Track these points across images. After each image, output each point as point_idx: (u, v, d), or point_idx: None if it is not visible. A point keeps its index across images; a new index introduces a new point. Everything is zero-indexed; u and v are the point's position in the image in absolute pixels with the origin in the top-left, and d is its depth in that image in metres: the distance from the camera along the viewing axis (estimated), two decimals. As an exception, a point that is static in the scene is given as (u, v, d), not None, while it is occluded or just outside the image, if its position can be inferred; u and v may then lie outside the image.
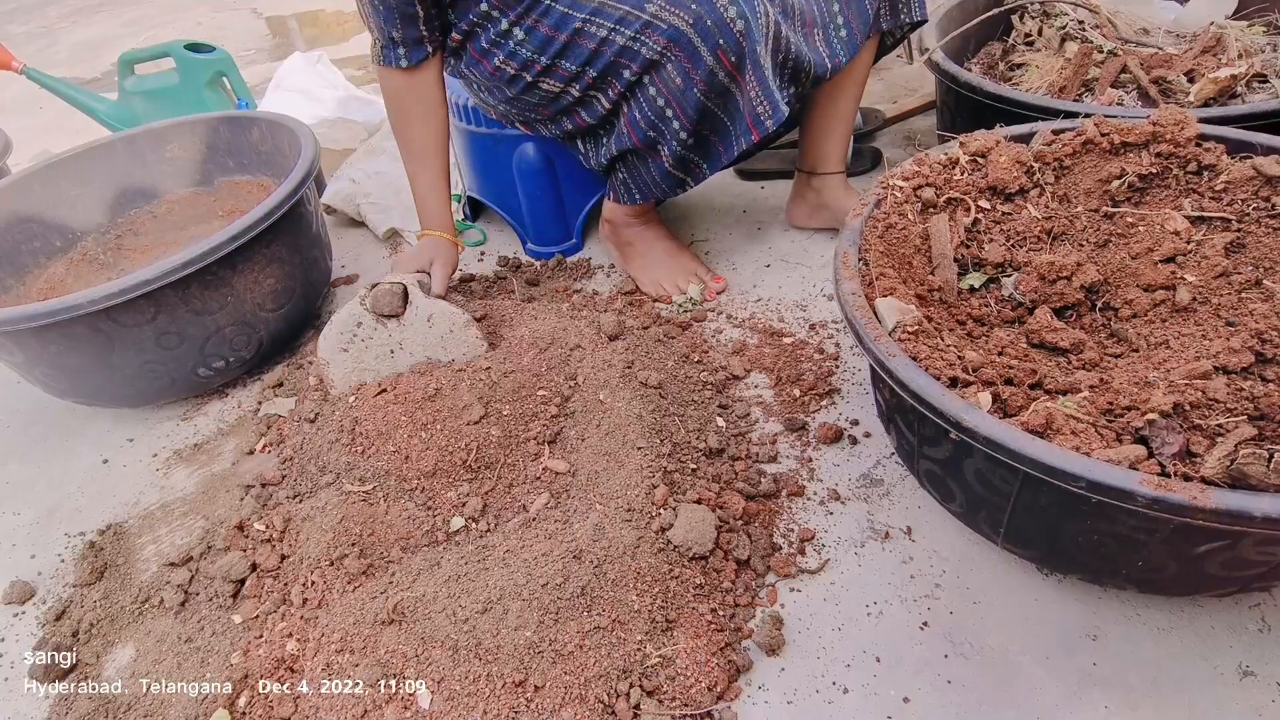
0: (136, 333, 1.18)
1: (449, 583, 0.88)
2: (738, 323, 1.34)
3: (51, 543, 1.14)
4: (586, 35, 1.14)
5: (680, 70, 1.11)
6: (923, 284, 0.94)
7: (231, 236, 1.18)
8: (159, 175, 1.66)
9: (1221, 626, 0.84)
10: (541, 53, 1.17)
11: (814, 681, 0.84)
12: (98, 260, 1.58)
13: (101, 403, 1.31)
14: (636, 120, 1.19)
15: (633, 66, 1.13)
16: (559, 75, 1.19)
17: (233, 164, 1.65)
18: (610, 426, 1.04)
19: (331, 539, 0.94)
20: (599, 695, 0.79)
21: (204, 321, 1.23)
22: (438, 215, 1.27)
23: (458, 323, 1.13)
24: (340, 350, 1.12)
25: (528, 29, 1.17)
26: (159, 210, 1.66)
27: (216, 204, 1.66)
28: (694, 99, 1.12)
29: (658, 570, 0.89)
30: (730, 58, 1.09)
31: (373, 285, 1.12)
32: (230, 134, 1.62)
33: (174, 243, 1.60)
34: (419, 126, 1.23)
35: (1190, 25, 1.50)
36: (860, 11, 1.25)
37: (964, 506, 0.85)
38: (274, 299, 1.33)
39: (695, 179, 1.27)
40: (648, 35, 1.10)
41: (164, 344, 1.21)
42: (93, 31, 4.02)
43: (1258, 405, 0.73)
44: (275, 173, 1.58)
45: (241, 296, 1.27)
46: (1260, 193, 0.92)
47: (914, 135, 1.84)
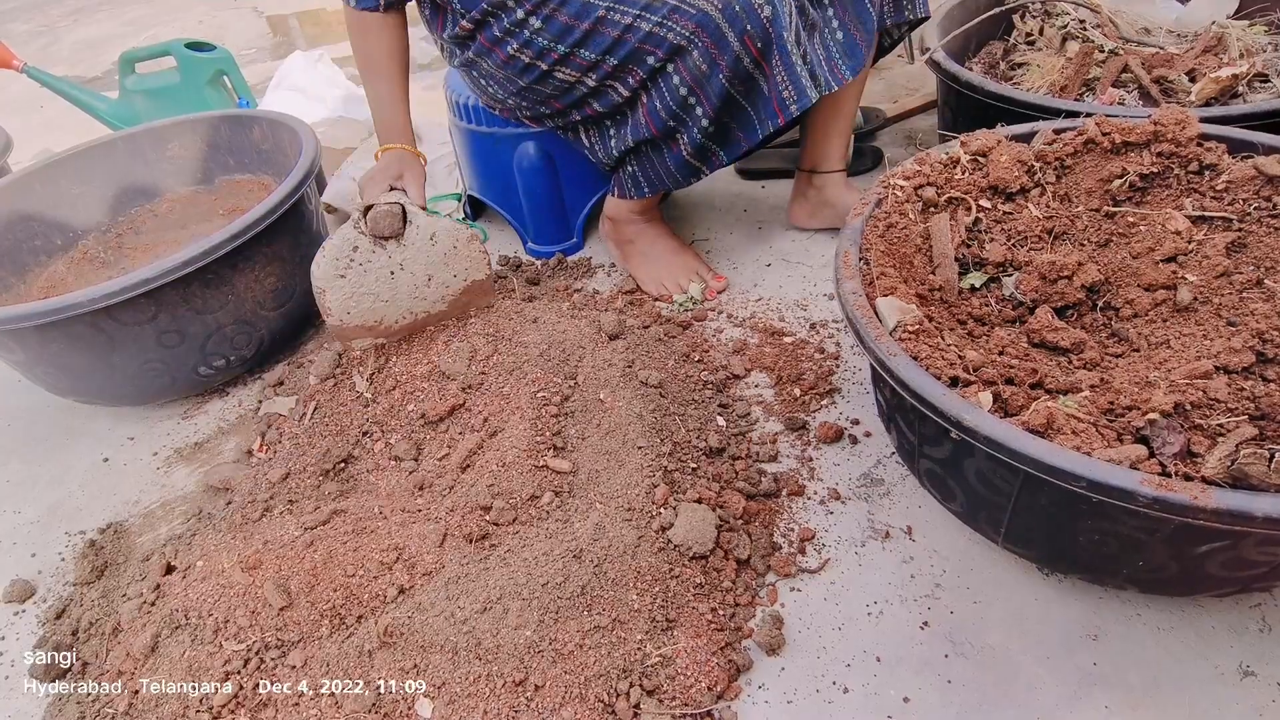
0: (137, 331, 1.18)
1: (448, 584, 0.88)
2: (738, 322, 1.34)
3: (52, 541, 1.14)
4: (609, 23, 1.13)
5: (706, 56, 1.11)
6: (924, 283, 0.94)
7: (232, 235, 1.18)
8: (160, 174, 1.66)
9: (1222, 626, 0.84)
10: (559, 41, 1.17)
11: (814, 681, 0.84)
12: (99, 259, 1.58)
13: (103, 401, 1.32)
14: (656, 109, 1.18)
15: (658, 53, 1.13)
16: (576, 64, 1.19)
17: (233, 163, 1.65)
18: (611, 426, 1.04)
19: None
20: (599, 694, 0.79)
21: (205, 320, 1.24)
22: (399, 128, 1.27)
23: (461, 238, 1.14)
24: (337, 276, 1.11)
25: (545, 18, 1.16)
26: (160, 209, 1.66)
27: (218, 203, 1.66)
28: (719, 85, 1.12)
29: (658, 570, 0.89)
30: (757, 44, 1.09)
31: (367, 208, 1.11)
32: (231, 133, 1.63)
33: (175, 241, 1.61)
34: (378, 44, 1.23)
35: (1192, 25, 1.50)
36: (864, 21, 1.24)
37: (964, 506, 0.85)
38: (275, 298, 1.33)
39: (711, 167, 1.27)
40: (675, 20, 1.10)
41: (165, 342, 1.21)
42: (94, 30, 4.02)
43: (1259, 405, 0.73)
44: (276, 171, 1.58)
45: (242, 295, 1.27)
46: (1261, 192, 0.92)
47: (915, 134, 1.84)
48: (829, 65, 1.22)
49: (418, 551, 0.92)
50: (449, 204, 1.81)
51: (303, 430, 1.16)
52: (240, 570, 0.91)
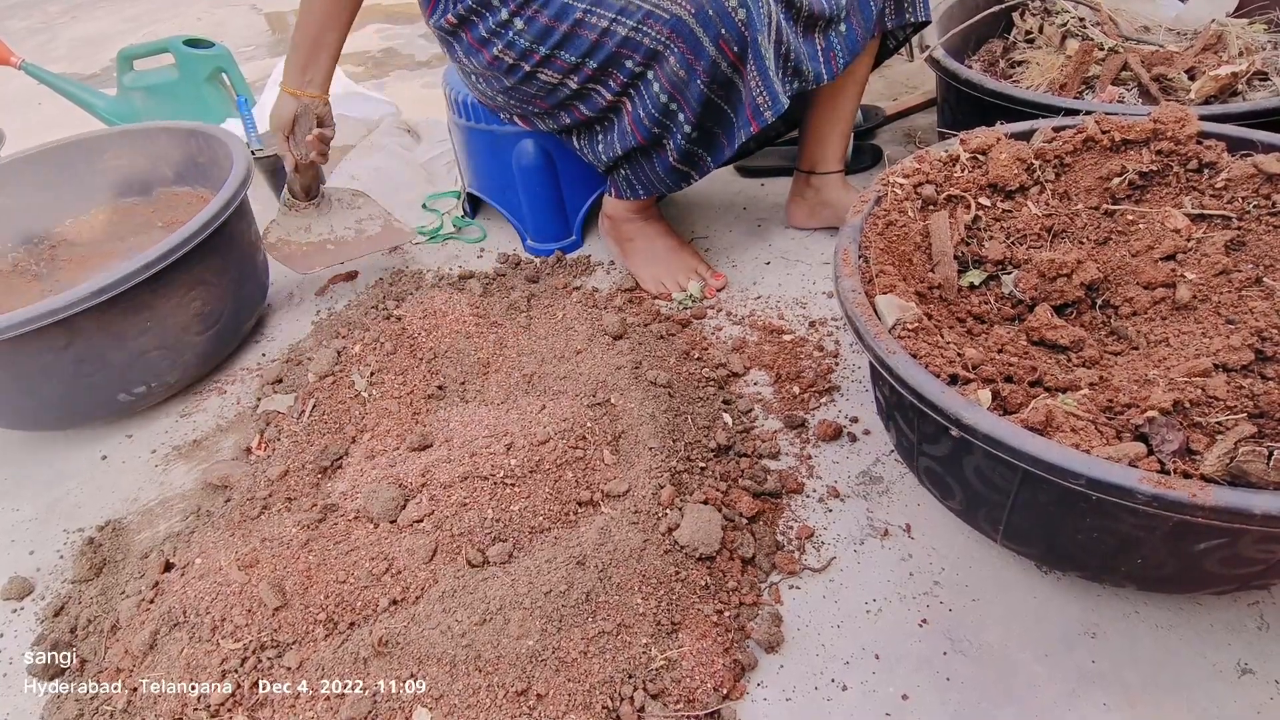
0: (51, 359, 1.13)
1: (444, 597, 0.86)
2: (737, 320, 1.34)
3: (50, 539, 1.14)
4: (587, 26, 1.14)
5: (683, 61, 1.10)
6: (923, 281, 0.94)
7: (148, 263, 1.13)
8: (96, 185, 1.60)
9: (1220, 624, 0.84)
10: (540, 43, 1.17)
11: (813, 679, 0.84)
12: (30, 272, 1.51)
13: (22, 426, 1.27)
14: (641, 118, 1.18)
15: (635, 57, 1.13)
16: (557, 66, 1.19)
17: (172, 175, 1.60)
18: (621, 427, 1.04)
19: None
20: (603, 701, 0.79)
21: (125, 347, 1.19)
22: (307, 70, 1.27)
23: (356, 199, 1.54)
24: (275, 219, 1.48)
25: (527, 19, 1.16)
26: (96, 220, 1.60)
27: (156, 214, 1.60)
28: (698, 90, 1.12)
29: (664, 572, 0.89)
30: (733, 47, 1.09)
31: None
32: (169, 145, 1.58)
33: (112, 254, 1.54)
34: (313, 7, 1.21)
35: (1191, 23, 1.50)
36: (864, 9, 1.24)
37: (963, 504, 0.85)
38: (201, 321, 1.28)
39: (700, 172, 1.27)
40: (649, 25, 1.10)
41: (82, 371, 1.16)
42: (92, 27, 4.01)
43: (1257, 403, 0.73)
44: (214, 185, 1.51)
45: (165, 320, 1.22)
46: (1261, 190, 0.92)
47: (914, 132, 1.84)
48: (826, 56, 1.21)
49: (406, 565, 0.91)
50: (448, 201, 1.81)
51: (301, 428, 1.16)
52: (237, 569, 0.91)
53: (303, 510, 1.00)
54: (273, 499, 1.05)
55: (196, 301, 1.26)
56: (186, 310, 1.25)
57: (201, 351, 1.31)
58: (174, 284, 1.22)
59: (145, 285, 1.15)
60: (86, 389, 1.20)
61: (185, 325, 1.26)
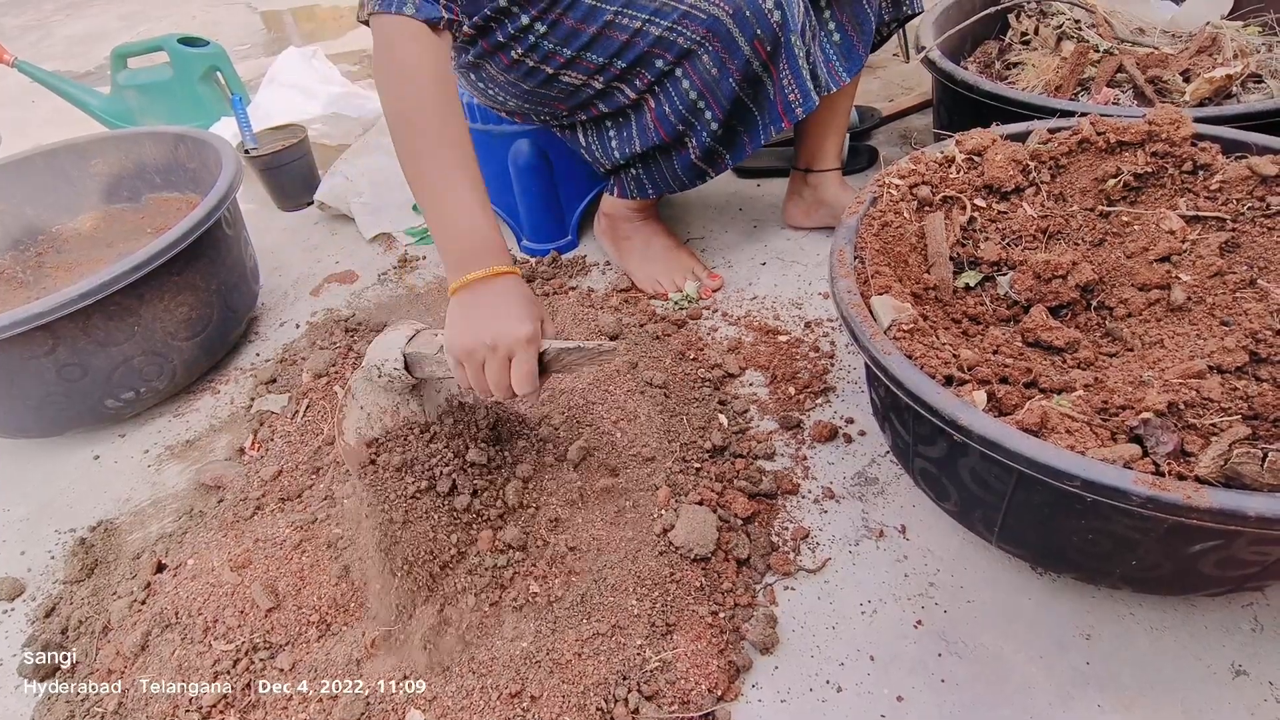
0: (35, 365, 1.12)
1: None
2: (733, 320, 1.34)
3: (42, 539, 1.13)
4: (618, 28, 1.13)
5: (716, 60, 1.11)
6: (918, 282, 0.94)
7: (132, 267, 1.12)
8: (84, 190, 1.59)
9: (1215, 626, 0.84)
10: (566, 45, 1.16)
11: (808, 680, 0.84)
12: (17, 279, 1.50)
13: (6, 434, 1.26)
14: (665, 115, 1.18)
15: (667, 56, 1.13)
16: (583, 68, 1.18)
17: (160, 180, 1.59)
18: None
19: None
20: (598, 702, 0.79)
21: (110, 353, 1.18)
22: (493, 238, 0.82)
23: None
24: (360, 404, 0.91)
25: (551, 23, 1.15)
26: (84, 226, 1.59)
27: (145, 220, 1.59)
28: (729, 89, 1.13)
29: (658, 574, 0.88)
30: (766, 47, 1.09)
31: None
32: (157, 150, 1.57)
33: (100, 260, 1.53)
34: (435, 79, 0.84)
35: (1186, 25, 1.50)
36: (862, 20, 1.24)
37: (959, 505, 0.85)
38: (188, 327, 1.27)
39: (717, 170, 1.27)
40: (685, 25, 1.10)
41: (66, 375, 1.15)
42: (86, 25, 3.99)
43: (1252, 405, 0.73)
44: (203, 190, 1.48)
45: (150, 326, 1.21)
46: (1255, 192, 0.92)
47: (910, 133, 1.84)
48: (826, 67, 1.22)
49: None
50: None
51: (295, 428, 1.16)
52: (230, 569, 0.90)
53: (296, 511, 1.00)
54: (266, 499, 1.04)
55: (183, 308, 1.25)
56: (173, 316, 1.24)
57: (189, 358, 1.30)
58: (159, 289, 1.20)
59: (130, 290, 1.14)
60: (70, 396, 1.18)
61: (172, 331, 1.25)
